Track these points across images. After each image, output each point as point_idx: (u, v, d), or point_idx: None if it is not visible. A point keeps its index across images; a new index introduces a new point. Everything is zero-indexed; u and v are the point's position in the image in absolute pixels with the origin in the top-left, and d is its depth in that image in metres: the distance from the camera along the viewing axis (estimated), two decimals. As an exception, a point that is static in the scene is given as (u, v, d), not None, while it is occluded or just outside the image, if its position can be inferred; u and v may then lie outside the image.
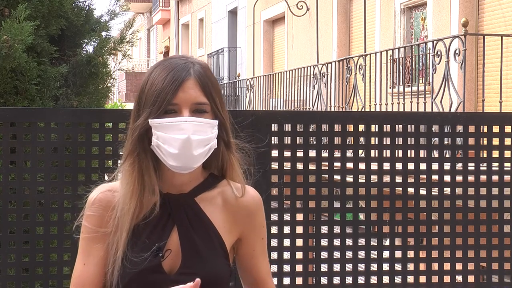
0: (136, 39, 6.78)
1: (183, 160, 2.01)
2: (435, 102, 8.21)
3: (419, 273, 4.20)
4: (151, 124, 2.02)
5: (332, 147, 4.16)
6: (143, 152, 2.05)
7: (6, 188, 3.88)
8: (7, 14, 5.44)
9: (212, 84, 2.07)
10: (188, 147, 2.00)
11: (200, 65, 2.08)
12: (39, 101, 5.40)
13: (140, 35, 37.48)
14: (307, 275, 4.12)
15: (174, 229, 2.08)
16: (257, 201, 2.18)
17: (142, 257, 2.04)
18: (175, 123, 2.00)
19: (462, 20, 8.31)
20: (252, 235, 2.17)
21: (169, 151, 2.01)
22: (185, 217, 2.09)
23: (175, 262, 2.05)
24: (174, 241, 2.07)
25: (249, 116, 4.02)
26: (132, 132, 2.06)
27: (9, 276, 3.91)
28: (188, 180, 2.10)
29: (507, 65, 9.10)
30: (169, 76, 2.02)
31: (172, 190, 2.10)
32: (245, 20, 20.44)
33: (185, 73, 2.03)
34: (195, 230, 2.08)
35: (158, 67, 2.07)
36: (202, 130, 2.02)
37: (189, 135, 1.99)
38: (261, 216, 2.19)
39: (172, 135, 2.00)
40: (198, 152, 2.01)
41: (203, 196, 2.12)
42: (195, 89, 2.03)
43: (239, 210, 2.14)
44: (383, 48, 11.54)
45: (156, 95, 2.01)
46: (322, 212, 4.10)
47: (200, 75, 2.05)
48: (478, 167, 4.22)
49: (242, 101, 17.23)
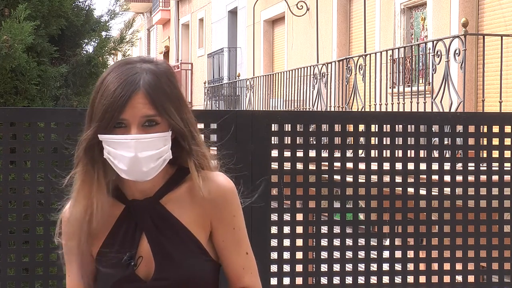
0: (136, 39, 6.78)
1: (134, 175, 2.00)
2: (435, 102, 8.21)
3: (419, 273, 4.19)
4: (100, 139, 2.00)
5: (332, 147, 4.15)
6: (90, 163, 2.04)
7: (6, 188, 3.88)
8: (7, 14, 5.44)
9: (164, 92, 2.00)
10: (136, 165, 1.97)
11: (152, 72, 2.01)
12: (39, 101, 5.40)
13: (140, 35, 37.47)
14: (307, 275, 4.12)
15: (142, 236, 2.06)
16: (224, 189, 2.08)
17: (116, 267, 2.04)
18: (122, 141, 1.97)
19: (462, 20, 8.31)
20: (220, 225, 2.08)
21: (119, 166, 1.99)
22: (151, 223, 2.06)
23: (149, 268, 2.04)
24: (145, 248, 2.06)
25: (249, 116, 4.02)
26: (81, 143, 2.04)
27: (9, 276, 3.91)
28: (151, 184, 2.07)
29: (507, 65, 9.10)
30: (118, 90, 1.97)
31: (137, 195, 2.08)
32: (245, 20, 20.44)
33: (134, 87, 1.97)
34: (163, 234, 2.05)
35: (111, 73, 2.02)
36: (151, 145, 1.98)
37: (136, 153, 1.96)
38: (229, 204, 2.08)
39: (120, 152, 1.97)
40: (149, 167, 1.98)
41: (169, 196, 2.08)
42: (143, 103, 1.97)
43: (206, 201, 2.07)
44: (383, 48, 11.54)
45: (104, 110, 1.97)
46: (322, 212, 4.10)
47: (149, 87, 1.98)
48: (478, 167, 4.22)
49: (242, 101, 17.22)
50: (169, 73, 2.05)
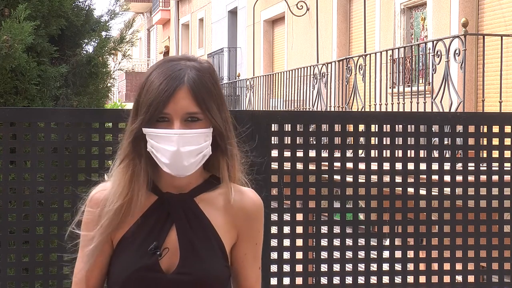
0: (136, 39, 6.78)
1: (175, 169, 2.03)
2: (435, 102, 8.20)
3: (419, 273, 4.20)
4: (144, 132, 2.04)
5: (332, 147, 4.16)
6: (137, 156, 2.07)
7: (6, 188, 3.88)
8: (7, 14, 5.44)
9: (208, 90, 2.05)
10: (178, 159, 2.01)
11: (196, 69, 2.05)
12: (39, 101, 5.40)
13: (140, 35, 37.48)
14: (307, 275, 4.12)
15: (172, 228, 2.08)
16: (257, 205, 2.16)
17: (139, 256, 2.04)
18: (165, 135, 2.01)
19: (462, 20, 8.31)
20: (246, 238, 2.15)
21: (161, 160, 2.03)
22: (184, 217, 2.08)
23: (173, 261, 2.05)
24: (172, 240, 2.07)
25: (249, 116, 4.02)
26: (127, 136, 2.08)
27: (9, 276, 3.91)
28: (187, 181, 2.10)
29: (507, 65, 9.10)
30: (163, 85, 2.02)
31: (172, 190, 2.10)
32: (245, 20, 20.44)
33: (178, 82, 2.02)
34: (193, 230, 2.08)
35: (156, 70, 2.06)
36: (193, 140, 2.02)
37: (178, 148, 2.00)
38: (259, 221, 2.17)
39: (163, 146, 2.01)
40: (190, 162, 2.02)
41: (202, 196, 2.11)
42: (187, 99, 2.02)
43: (238, 212, 2.13)
44: (383, 48, 11.54)
45: (149, 104, 2.02)
46: (322, 212, 4.10)
47: (193, 83, 2.03)
48: (478, 167, 4.22)
49: (242, 101, 17.22)
50: (211, 70, 2.10)
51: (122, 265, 2.06)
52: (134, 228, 2.08)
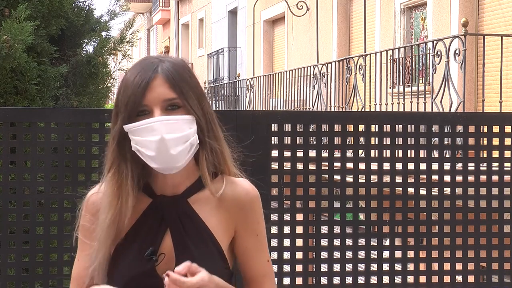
0: (136, 39, 6.79)
1: (163, 161, 1.98)
2: (435, 102, 8.21)
3: (419, 273, 4.19)
4: (126, 130, 2.00)
5: (332, 147, 4.15)
6: (123, 162, 2.03)
7: (6, 188, 3.88)
8: (7, 14, 5.44)
9: (183, 79, 2.01)
10: (164, 148, 1.96)
11: (170, 62, 2.03)
12: (39, 101, 5.40)
13: (140, 35, 37.47)
14: (307, 275, 4.12)
15: (167, 232, 2.05)
16: (251, 195, 2.10)
17: (136, 262, 2.02)
18: (147, 125, 1.97)
19: (462, 20, 8.31)
20: (244, 230, 2.09)
21: (148, 154, 1.98)
22: (178, 220, 2.05)
23: (169, 266, 2.00)
24: (168, 245, 2.04)
25: (249, 116, 4.02)
26: (111, 142, 2.05)
27: (9, 276, 3.91)
28: (180, 179, 2.06)
29: (507, 65, 9.10)
30: (137, 78, 1.99)
31: (166, 191, 2.07)
32: (245, 20, 20.44)
33: (151, 73, 1.99)
34: (188, 234, 2.04)
35: (130, 70, 2.05)
36: (176, 127, 1.97)
37: (162, 135, 1.95)
38: (255, 211, 2.10)
39: (146, 138, 1.97)
40: (177, 150, 1.97)
41: (196, 196, 2.08)
42: (163, 86, 1.99)
43: (231, 204, 2.08)
44: (383, 48, 11.54)
45: (127, 100, 1.99)
46: (322, 212, 4.10)
47: (168, 71, 2.00)
48: (478, 167, 4.22)
49: (242, 101, 17.22)
50: (186, 65, 2.07)
51: (119, 272, 2.04)
52: (130, 233, 2.06)
